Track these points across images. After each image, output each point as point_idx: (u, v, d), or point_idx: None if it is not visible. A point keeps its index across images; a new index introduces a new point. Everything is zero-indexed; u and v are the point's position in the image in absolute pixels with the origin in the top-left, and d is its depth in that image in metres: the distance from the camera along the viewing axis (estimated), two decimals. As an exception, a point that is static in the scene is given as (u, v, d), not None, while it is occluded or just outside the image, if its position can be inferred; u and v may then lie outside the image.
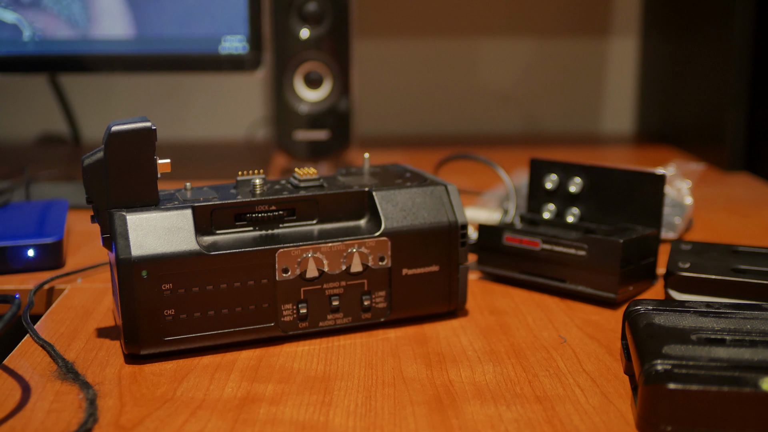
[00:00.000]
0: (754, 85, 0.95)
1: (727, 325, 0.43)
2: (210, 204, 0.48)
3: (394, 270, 0.51)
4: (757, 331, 0.43)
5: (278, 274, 0.48)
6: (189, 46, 0.87)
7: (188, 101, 1.24)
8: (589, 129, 1.28)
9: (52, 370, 0.46)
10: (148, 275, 0.45)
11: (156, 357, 0.48)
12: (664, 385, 0.38)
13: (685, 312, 0.45)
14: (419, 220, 0.51)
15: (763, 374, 0.38)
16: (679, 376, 0.38)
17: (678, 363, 0.39)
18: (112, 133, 0.46)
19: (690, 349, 0.40)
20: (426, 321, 0.53)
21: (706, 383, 0.38)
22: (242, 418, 0.41)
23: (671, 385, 0.38)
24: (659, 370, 0.39)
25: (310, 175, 0.52)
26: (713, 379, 0.38)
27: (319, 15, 0.86)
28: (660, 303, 0.46)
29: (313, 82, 0.87)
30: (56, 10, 0.86)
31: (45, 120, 1.20)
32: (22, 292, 0.57)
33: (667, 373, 0.38)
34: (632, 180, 0.59)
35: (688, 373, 0.38)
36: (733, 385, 0.37)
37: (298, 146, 0.89)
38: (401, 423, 0.40)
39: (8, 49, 0.87)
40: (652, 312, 0.45)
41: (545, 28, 1.23)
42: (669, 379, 0.38)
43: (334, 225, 0.51)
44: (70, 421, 0.40)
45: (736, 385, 0.37)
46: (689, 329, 0.43)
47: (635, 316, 0.45)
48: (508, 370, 0.46)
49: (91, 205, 0.47)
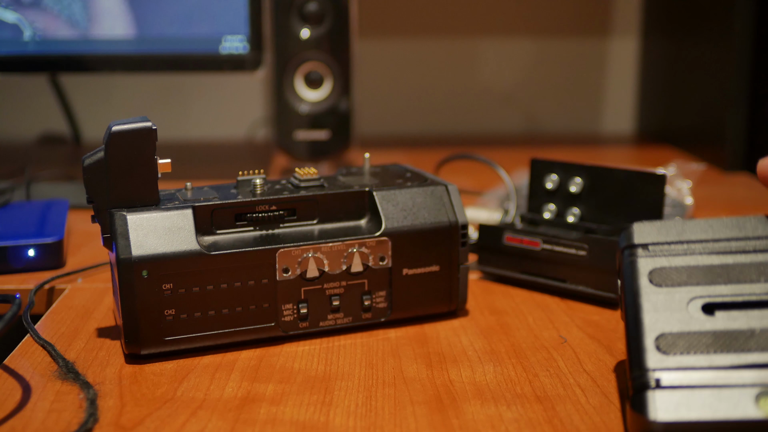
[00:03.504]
0: (754, 86, 0.95)
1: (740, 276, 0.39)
2: (210, 204, 0.48)
3: (394, 270, 0.51)
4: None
5: (279, 274, 0.48)
6: (189, 46, 0.87)
7: (188, 101, 1.24)
8: (590, 129, 1.28)
9: (52, 369, 0.46)
10: (148, 275, 0.46)
11: (156, 357, 0.48)
12: (649, 419, 0.35)
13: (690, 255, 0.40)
14: (420, 220, 0.51)
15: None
16: (669, 401, 0.35)
17: (670, 369, 0.36)
18: (113, 133, 0.46)
19: (688, 342, 0.37)
20: (426, 321, 0.53)
21: (702, 409, 0.34)
22: (242, 418, 0.41)
23: (660, 418, 0.35)
24: (646, 387, 0.36)
25: (311, 175, 0.52)
26: (710, 404, 0.35)
27: (320, 15, 0.86)
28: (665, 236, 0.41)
29: (313, 82, 0.87)
30: (57, 10, 0.86)
31: (45, 120, 1.20)
32: (22, 292, 0.57)
33: (658, 397, 0.35)
34: (633, 180, 0.59)
35: (681, 398, 0.35)
36: (734, 411, 0.34)
37: (299, 146, 0.89)
38: (402, 423, 0.40)
39: (9, 49, 0.87)
40: (652, 256, 0.40)
41: (545, 28, 1.23)
42: (657, 406, 0.35)
43: (334, 225, 0.51)
44: (71, 421, 0.40)
45: (737, 412, 0.34)
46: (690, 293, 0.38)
47: (630, 262, 0.40)
48: (509, 370, 0.46)
49: (92, 205, 0.47)
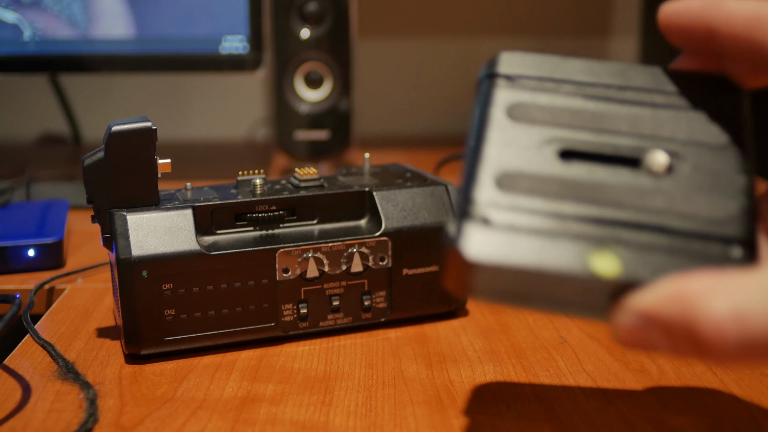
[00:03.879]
0: (754, 85, 0.95)
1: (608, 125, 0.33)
2: (210, 204, 0.48)
3: (394, 270, 0.51)
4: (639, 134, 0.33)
5: (279, 274, 0.49)
6: (189, 46, 0.87)
7: (188, 101, 1.24)
8: (590, 129, 1.28)
9: (52, 370, 0.46)
10: (148, 275, 0.46)
11: (156, 357, 0.48)
12: (465, 257, 0.29)
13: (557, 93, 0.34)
14: (420, 220, 0.51)
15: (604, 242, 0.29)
16: (494, 241, 0.29)
17: (504, 208, 0.30)
18: (113, 133, 0.46)
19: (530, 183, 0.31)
20: (426, 321, 0.53)
21: (527, 256, 0.29)
22: (242, 418, 0.41)
23: (479, 258, 0.29)
24: (471, 222, 0.30)
25: (311, 175, 0.52)
26: (538, 252, 0.29)
27: (320, 15, 0.86)
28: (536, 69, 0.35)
29: (313, 82, 0.87)
30: (56, 10, 0.86)
31: (45, 120, 1.20)
32: (22, 292, 0.57)
33: (482, 235, 0.30)
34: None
35: (508, 240, 0.29)
36: (555, 261, 0.29)
37: (299, 146, 0.89)
38: (402, 423, 0.40)
39: (8, 49, 0.87)
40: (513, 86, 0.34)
41: (545, 28, 1.23)
42: (479, 245, 0.29)
43: (334, 225, 0.51)
44: (71, 421, 0.40)
45: (558, 262, 0.29)
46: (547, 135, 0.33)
47: (488, 92, 0.34)
48: (509, 370, 0.46)
49: (92, 205, 0.47)
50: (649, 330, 0.28)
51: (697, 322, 0.26)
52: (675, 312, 0.27)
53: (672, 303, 0.27)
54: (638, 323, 0.28)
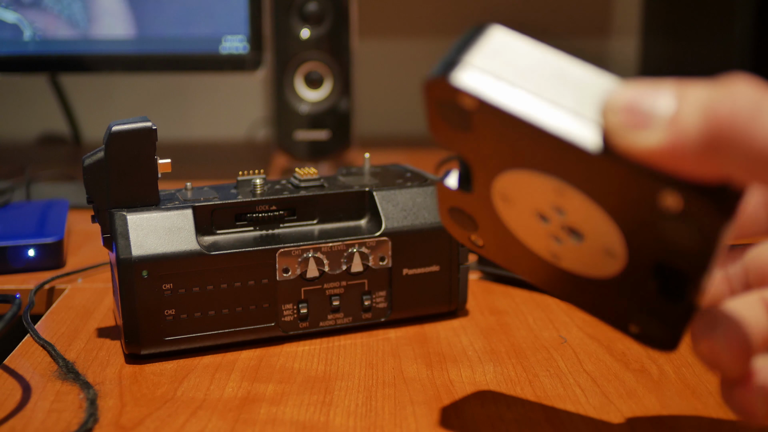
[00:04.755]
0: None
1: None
2: (210, 204, 0.48)
3: (394, 270, 0.51)
4: None
5: (279, 274, 0.49)
6: (189, 46, 0.87)
7: (188, 101, 1.24)
8: (590, 129, 1.28)
9: (52, 370, 0.46)
10: (148, 275, 0.46)
11: (156, 357, 0.48)
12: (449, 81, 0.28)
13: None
14: (420, 220, 0.51)
15: None
16: (476, 77, 0.29)
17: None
18: (113, 132, 0.46)
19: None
20: (426, 321, 0.53)
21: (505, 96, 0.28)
22: (243, 418, 0.41)
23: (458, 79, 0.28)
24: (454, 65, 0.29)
25: (311, 175, 0.52)
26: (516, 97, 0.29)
27: (320, 15, 0.86)
28: None
29: (313, 82, 0.88)
30: (57, 10, 0.86)
31: (45, 120, 1.20)
32: (22, 292, 0.57)
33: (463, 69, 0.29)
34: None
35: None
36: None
37: (299, 146, 0.89)
38: (402, 423, 0.40)
39: (8, 49, 0.87)
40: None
41: (545, 28, 1.23)
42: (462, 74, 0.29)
43: (334, 225, 0.51)
44: (71, 421, 0.40)
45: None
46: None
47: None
48: (509, 370, 0.46)
49: (92, 205, 0.47)
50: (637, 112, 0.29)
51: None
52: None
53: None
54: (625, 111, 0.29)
